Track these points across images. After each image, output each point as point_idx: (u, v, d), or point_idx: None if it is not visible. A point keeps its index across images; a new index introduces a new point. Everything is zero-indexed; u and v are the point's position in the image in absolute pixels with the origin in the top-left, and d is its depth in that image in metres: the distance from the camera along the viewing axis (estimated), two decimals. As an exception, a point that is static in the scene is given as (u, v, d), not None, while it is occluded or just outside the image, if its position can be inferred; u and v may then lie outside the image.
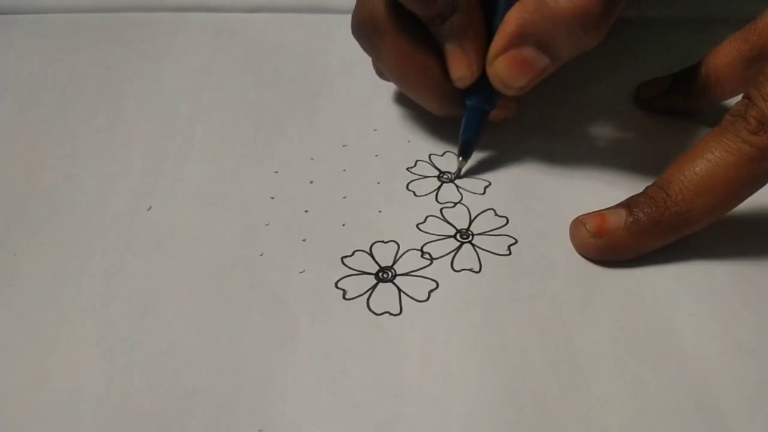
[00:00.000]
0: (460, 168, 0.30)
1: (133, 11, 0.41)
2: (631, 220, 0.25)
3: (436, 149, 0.32)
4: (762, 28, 0.29)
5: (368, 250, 0.27)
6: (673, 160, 0.26)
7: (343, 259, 0.26)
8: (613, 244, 0.26)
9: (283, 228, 0.28)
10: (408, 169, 0.31)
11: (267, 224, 0.28)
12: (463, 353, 0.23)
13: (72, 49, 0.38)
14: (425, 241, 0.27)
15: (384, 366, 0.23)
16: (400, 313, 0.25)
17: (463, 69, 0.28)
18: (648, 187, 0.26)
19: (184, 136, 0.32)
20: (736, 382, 0.23)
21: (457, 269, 0.26)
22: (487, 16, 0.27)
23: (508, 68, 0.26)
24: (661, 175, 0.26)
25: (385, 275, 0.26)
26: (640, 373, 0.23)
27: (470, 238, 0.27)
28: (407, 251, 0.27)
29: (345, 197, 0.29)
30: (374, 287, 0.25)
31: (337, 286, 0.25)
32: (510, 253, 0.27)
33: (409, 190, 0.30)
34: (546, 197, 0.29)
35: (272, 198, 0.29)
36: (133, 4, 0.41)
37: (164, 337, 0.24)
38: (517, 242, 0.27)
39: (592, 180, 0.30)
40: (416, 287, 0.25)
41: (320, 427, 0.21)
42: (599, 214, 0.26)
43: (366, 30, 0.28)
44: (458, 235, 0.28)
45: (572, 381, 0.23)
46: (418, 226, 0.28)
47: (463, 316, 0.24)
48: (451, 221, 0.28)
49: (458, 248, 0.27)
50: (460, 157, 0.30)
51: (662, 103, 0.33)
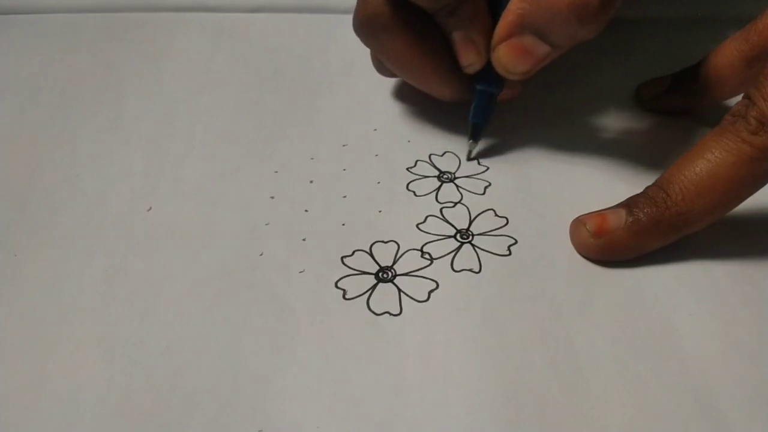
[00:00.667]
0: (470, 150, 0.31)
1: (133, 11, 0.41)
2: (631, 220, 0.26)
3: (436, 149, 0.32)
4: (762, 28, 0.29)
5: (368, 250, 0.27)
6: (673, 160, 0.26)
7: (343, 258, 0.26)
8: (613, 244, 0.26)
9: (283, 228, 0.28)
10: (408, 169, 0.31)
11: (267, 224, 0.28)
12: (463, 353, 0.23)
13: (72, 49, 0.38)
14: (425, 241, 0.27)
15: (384, 366, 0.23)
16: (400, 313, 0.25)
17: (472, 56, 0.29)
18: (648, 187, 0.26)
19: (184, 136, 0.32)
20: (736, 382, 0.23)
21: (457, 269, 0.26)
22: (492, 5, 0.28)
23: (510, 55, 0.27)
24: (661, 175, 0.26)
25: (385, 275, 0.26)
26: (640, 373, 0.23)
27: (470, 239, 0.27)
28: (407, 251, 0.27)
29: (345, 197, 0.29)
30: (374, 287, 0.25)
31: (337, 286, 0.25)
32: (510, 254, 0.27)
33: (409, 190, 0.30)
34: (546, 197, 0.29)
35: (272, 198, 0.29)
36: (133, 4, 0.41)
37: (164, 337, 0.24)
38: (517, 242, 0.27)
39: (592, 180, 0.30)
40: (416, 287, 0.25)
41: (320, 427, 0.21)
42: (599, 214, 0.26)
43: (372, 28, 0.29)
44: (458, 236, 0.28)
45: (572, 381, 0.23)
46: (418, 226, 0.28)
47: (463, 317, 0.24)
48: (451, 221, 0.28)
49: (458, 248, 0.27)
50: (471, 140, 0.31)
51: (662, 103, 0.33)
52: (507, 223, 0.28)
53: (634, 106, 0.34)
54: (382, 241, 0.27)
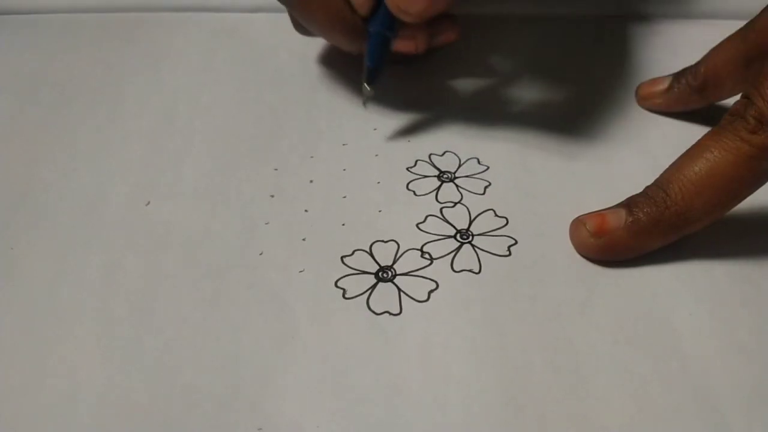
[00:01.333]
0: (366, 96, 0.31)
1: (133, 11, 0.41)
2: (630, 219, 0.26)
3: (436, 149, 0.32)
4: (760, 28, 0.29)
5: (368, 250, 0.27)
6: (673, 160, 0.26)
7: (342, 258, 0.26)
8: (613, 244, 0.26)
9: (283, 227, 0.28)
10: (408, 169, 0.31)
11: (267, 223, 0.28)
12: (463, 353, 0.23)
13: (72, 49, 0.38)
14: (425, 241, 0.27)
15: (384, 366, 0.23)
16: (400, 313, 0.25)
17: None
18: (647, 187, 0.26)
19: (184, 135, 0.32)
20: (736, 382, 0.23)
21: (457, 269, 0.26)
22: None
23: None
24: (661, 175, 0.26)
25: (385, 275, 0.26)
26: (640, 373, 0.23)
27: (470, 239, 0.27)
28: (407, 251, 0.27)
29: (345, 197, 0.29)
30: (374, 287, 0.25)
31: (336, 286, 0.25)
32: (510, 254, 0.27)
33: (409, 190, 0.30)
34: (546, 197, 0.29)
35: (272, 197, 0.29)
36: (133, 4, 0.41)
37: (163, 336, 0.24)
38: (517, 243, 0.27)
39: (592, 180, 0.30)
40: (416, 287, 0.25)
41: (320, 427, 0.21)
42: (599, 214, 0.26)
43: None
44: (458, 236, 0.28)
45: (572, 381, 0.23)
46: (418, 225, 0.28)
47: (463, 317, 0.24)
48: (451, 221, 0.28)
49: (458, 248, 0.27)
50: (366, 85, 0.31)
51: (662, 103, 0.33)
52: (507, 223, 0.28)
53: (634, 106, 0.34)
54: (382, 241, 0.27)
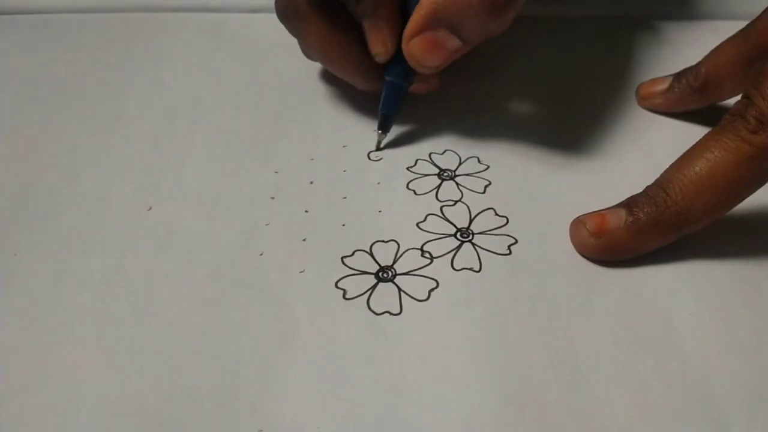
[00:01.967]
0: (379, 141, 0.32)
1: (133, 11, 0.41)
2: (631, 219, 0.26)
3: (436, 148, 0.32)
4: (761, 28, 0.29)
5: (368, 250, 0.27)
6: (673, 160, 0.26)
7: (343, 258, 0.26)
8: (613, 244, 0.26)
9: (283, 228, 0.28)
10: (408, 169, 0.31)
11: (267, 224, 0.28)
12: (463, 353, 0.23)
13: (72, 49, 0.38)
14: (425, 240, 0.27)
15: (384, 366, 0.23)
16: (400, 313, 0.25)
17: (378, 46, 0.30)
18: (648, 187, 0.26)
19: (184, 136, 0.32)
20: (736, 382, 0.23)
21: (457, 268, 0.26)
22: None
23: (422, 49, 0.28)
24: (661, 175, 0.26)
25: (385, 275, 0.26)
26: (640, 373, 0.23)
27: (470, 238, 0.27)
28: (407, 250, 0.27)
29: (345, 197, 0.29)
30: (374, 287, 0.25)
31: (337, 286, 0.25)
32: (510, 253, 0.27)
33: (410, 189, 0.30)
34: (546, 197, 0.29)
35: (272, 198, 0.29)
36: (133, 4, 0.41)
37: (164, 337, 0.24)
38: (517, 242, 0.27)
39: (592, 180, 0.30)
40: (416, 287, 0.25)
41: (320, 427, 0.21)
42: (599, 213, 0.26)
43: (289, 14, 0.30)
44: (458, 234, 0.28)
45: (572, 381, 0.23)
46: (418, 224, 0.28)
47: (463, 316, 0.24)
48: (452, 220, 0.28)
49: (458, 247, 0.27)
50: (379, 131, 0.31)
51: (662, 103, 0.33)
52: (507, 222, 0.28)
53: (634, 106, 0.34)
54: (383, 241, 0.27)
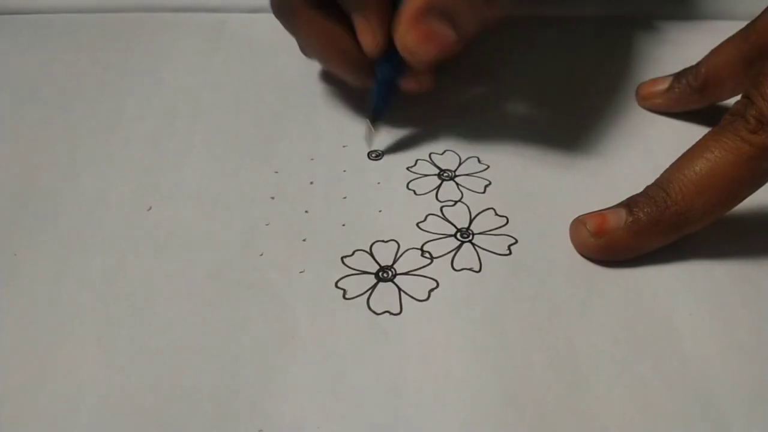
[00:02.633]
0: (368, 129, 0.31)
1: (133, 11, 0.41)
2: (631, 219, 0.26)
3: (436, 148, 0.32)
4: (761, 28, 0.29)
5: (368, 250, 0.27)
6: (673, 160, 0.26)
7: (343, 258, 0.26)
8: (613, 244, 0.26)
9: (283, 228, 0.28)
10: (408, 169, 0.31)
11: (267, 224, 0.28)
12: (463, 353, 0.23)
13: (72, 49, 0.38)
14: (425, 240, 0.27)
15: (384, 366, 0.23)
16: (401, 313, 0.25)
17: (367, 37, 0.29)
18: (648, 187, 0.26)
19: (184, 136, 0.32)
20: (736, 382, 0.23)
21: (457, 268, 0.26)
22: None
23: (417, 40, 0.27)
24: (661, 175, 0.26)
25: (386, 275, 0.26)
26: (640, 373, 0.23)
27: (470, 238, 0.27)
28: (407, 250, 0.27)
29: (345, 197, 0.29)
30: (374, 287, 0.25)
31: (337, 286, 0.25)
32: (510, 253, 0.27)
33: (410, 189, 0.30)
34: (546, 197, 0.29)
35: (272, 198, 0.29)
36: (133, 4, 0.41)
37: (164, 337, 0.24)
38: (517, 242, 0.27)
39: (592, 180, 0.30)
40: (416, 286, 0.25)
41: (320, 427, 0.21)
42: (599, 213, 0.26)
43: (283, 9, 0.30)
44: (458, 234, 0.28)
45: (572, 381, 0.23)
46: (418, 224, 0.28)
47: (463, 316, 0.24)
48: (452, 220, 0.28)
49: (458, 247, 0.27)
50: (371, 124, 0.31)
51: (662, 103, 0.33)
52: (507, 222, 0.28)
53: (634, 106, 0.34)
54: (383, 241, 0.27)
